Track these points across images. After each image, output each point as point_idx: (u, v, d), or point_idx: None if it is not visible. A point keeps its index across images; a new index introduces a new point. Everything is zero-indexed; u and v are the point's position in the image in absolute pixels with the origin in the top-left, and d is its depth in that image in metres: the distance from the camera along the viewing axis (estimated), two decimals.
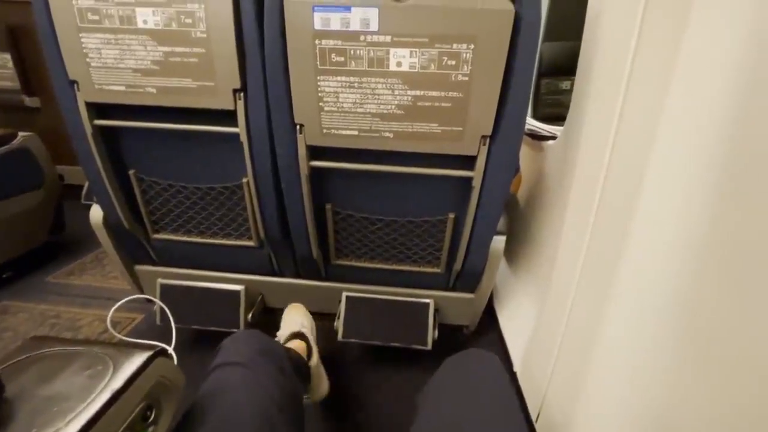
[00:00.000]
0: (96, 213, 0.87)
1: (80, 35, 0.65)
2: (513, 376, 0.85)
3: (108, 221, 0.87)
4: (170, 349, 0.43)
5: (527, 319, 0.86)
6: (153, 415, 0.33)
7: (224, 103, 0.67)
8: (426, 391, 0.51)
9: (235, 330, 0.90)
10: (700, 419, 0.38)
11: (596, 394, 0.53)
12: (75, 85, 0.70)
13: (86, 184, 1.72)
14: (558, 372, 0.65)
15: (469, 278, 0.87)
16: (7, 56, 1.78)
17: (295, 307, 0.91)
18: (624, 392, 0.48)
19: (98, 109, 0.73)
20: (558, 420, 0.63)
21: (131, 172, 0.79)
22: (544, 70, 1.43)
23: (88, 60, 0.67)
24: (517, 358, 0.87)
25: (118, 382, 0.29)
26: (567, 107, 0.73)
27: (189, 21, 0.62)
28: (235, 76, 0.65)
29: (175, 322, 0.87)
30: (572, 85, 0.70)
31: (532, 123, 0.99)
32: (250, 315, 0.91)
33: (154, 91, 0.68)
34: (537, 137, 0.92)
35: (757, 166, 0.33)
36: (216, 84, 0.66)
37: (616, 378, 0.49)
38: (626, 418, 0.47)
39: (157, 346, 0.36)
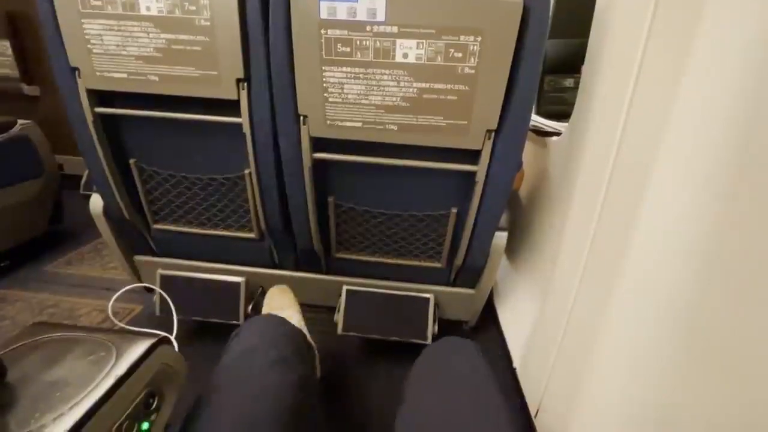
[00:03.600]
0: (96, 202, 0.86)
1: (82, 21, 0.64)
2: (512, 372, 0.85)
3: (108, 211, 0.86)
4: (172, 338, 0.42)
5: (527, 315, 0.86)
6: (155, 403, 0.33)
7: (227, 92, 0.67)
8: (408, 382, 0.52)
9: (235, 322, 0.90)
10: (700, 416, 0.38)
11: (596, 391, 0.53)
12: (76, 72, 0.69)
13: (85, 174, 1.71)
14: (558, 369, 0.65)
15: (470, 274, 0.87)
16: (6, 44, 1.76)
17: (281, 291, 0.85)
18: (625, 390, 0.48)
19: (100, 97, 0.72)
20: (557, 416, 0.63)
21: (132, 161, 0.78)
22: (547, 67, 1.42)
23: (89, 46, 0.66)
24: (516, 354, 0.87)
25: (121, 368, 0.29)
26: (570, 105, 0.72)
27: (193, 8, 0.61)
28: (239, 65, 0.64)
29: (175, 313, 0.87)
30: (576, 82, 0.70)
31: (535, 119, 0.99)
32: (249, 307, 0.91)
33: (156, 79, 0.67)
34: (541, 133, 0.91)
35: (765, 166, 0.33)
36: (219, 73, 0.66)
37: (617, 375, 0.49)
38: (626, 416, 0.47)
39: (160, 333, 0.35)
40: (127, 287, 0.54)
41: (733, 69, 0.36)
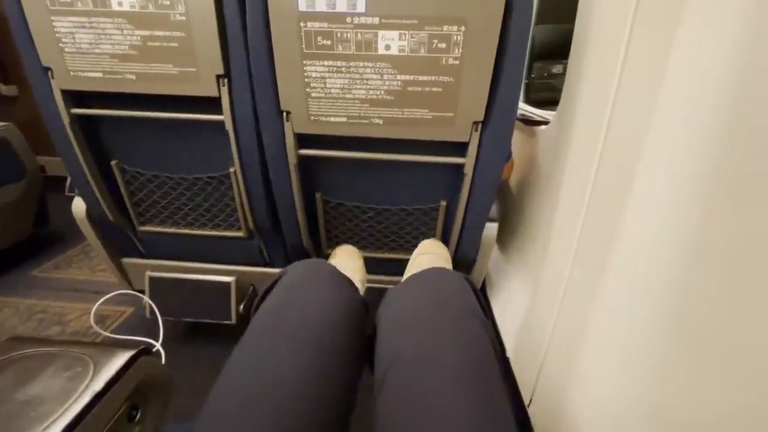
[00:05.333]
0: (79, 205, 0.84)
1: (51, 18, 0.61)
2: (506, 361, 0.86)
3: (91, 214, 0.84)
4: (158, 345, 0.42)
5: (520, 305, 0.86)
6: (139, 415, 0.32)
7: (207, 89, 0.65)
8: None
9: (227, 322, 0.89)
10: (694, 406, 0.38)
11: (589, 381, 0.54)
12: (49, 72, 0.66)
13: None
14: (550, 358, 0.66)
15: (462, 266, 0.86)
16: None
17: (349, 252, 0.79)
18: (617, 379, 0.48)
19: (76, 97, 0.70)
20: (550, 405, 0.64)
21: (113, 162, 0.76)
22: (536, 53, 1.41)
23: (61, 45, 0.63)
24: (509, 344, 0.87)
25: (99, 383, 0.28)
26: (559, 91, 0.71)
27: (167, 3, 0.59)
28: (218, 61, 0.63)
29: (166, 315, 0.86)
30: (565, 68, 0.69)
31: (523, 108, 0.98)
32: (241, 307, 0.90)
33: (133, 77, 0.65)
34: (529, 122, 0.91)
35: (752, 155, 0.33)
36: (198, 70, 0.64)
37: (609, 364, 0.50)
38: (619, 405, 0.47)
39: (141, 343, 0.35)
40: (110, 294, 0.52)
41: (720, 54, 0.35)
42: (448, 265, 0.74)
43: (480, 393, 0.34)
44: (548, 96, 1.36)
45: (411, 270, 0.73)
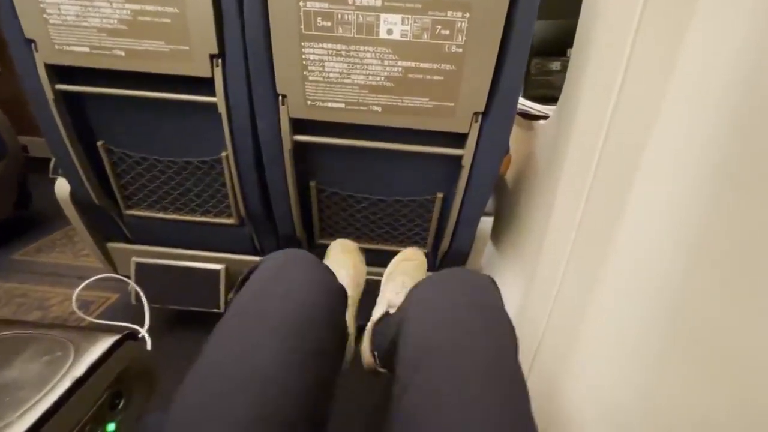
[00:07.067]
0: (62, 186, 0.81)
1: None
2: None
3: (76, 196, 0.81)
4: (143, 331, 0.40)
5: (512, 301, 0.86)
6: (122, 403, 0.31)
7: (200, 69, 0.63)
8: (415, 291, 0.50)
9: (215, 311, 0.87)
10: (689, 405, 0.38)
11: (582, 379, 0.54)
12: (32, 45, 0.63)
13: None
14: (542, 355, 0.66)
15: (456, 259, 0.86)
16: None
17: (346, 252, 0.72)
18: (611, 377, 0.48)
19: (61, 73, 0.66)
20: (542, 402, 0.64)
21: (99, 143, 0.74)
22: (533, 49, 1.40)
23: (45, 16, 0.60)
24: None
25: (79, 369, 0.27)
26: (556, 88, 0.71)
27: None
28: (212, 39, 0.60)
29: (152, 302, 0.84)
30: (563, 65, 0.68)
31: (522, 102, 0.97)
32: (230, 295, 0.89)
33: (122, 53, 0.62)
34: (528, 116, 0.90)
35: (754, 156, 0.32)
36: (191, 48, 0.61)
37: (604, 363, 0.50)
38: (613, 403, 0.47)
39: (126, 329, 0.33)
40: (94, 278, 0.50)
41: (727, 53, 0.35)
42: (423, 273, 0.73)
43: (510, 396, 0.34)
44: (546, 93, 1.36)
45: (392, 274, 0.73)
